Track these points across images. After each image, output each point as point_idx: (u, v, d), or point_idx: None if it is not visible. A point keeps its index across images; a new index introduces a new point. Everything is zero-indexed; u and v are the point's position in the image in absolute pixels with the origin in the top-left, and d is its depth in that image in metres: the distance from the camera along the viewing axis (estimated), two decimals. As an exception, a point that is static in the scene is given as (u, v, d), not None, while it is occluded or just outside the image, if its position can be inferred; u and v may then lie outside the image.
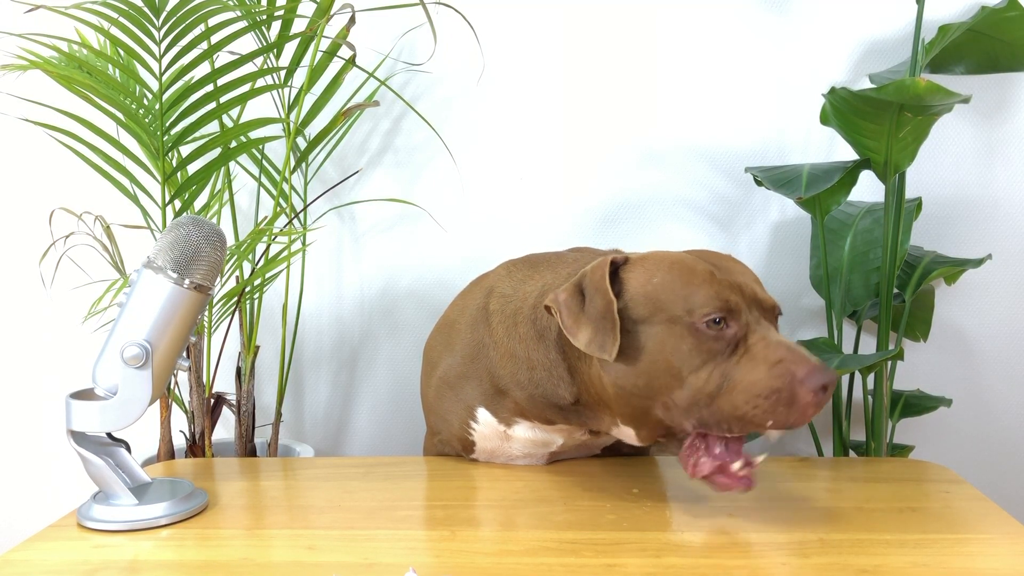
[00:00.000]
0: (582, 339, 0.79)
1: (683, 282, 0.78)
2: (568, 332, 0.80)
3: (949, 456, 1.40)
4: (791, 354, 0.74)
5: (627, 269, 0.82)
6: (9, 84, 1.42)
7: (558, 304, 0.82)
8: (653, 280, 0.79)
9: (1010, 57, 1.18)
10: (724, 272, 0.80)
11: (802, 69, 1.35)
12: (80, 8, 1.00)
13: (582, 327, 0.80)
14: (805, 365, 0.72)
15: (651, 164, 1.39)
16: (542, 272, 0.93)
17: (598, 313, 0.79)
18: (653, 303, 0.78)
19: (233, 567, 0.71)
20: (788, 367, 0.73)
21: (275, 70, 1.11)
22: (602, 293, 0.79)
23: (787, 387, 0.72)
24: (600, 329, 0.79)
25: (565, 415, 0.89)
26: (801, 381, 0.72)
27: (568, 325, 0.80)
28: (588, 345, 0.79)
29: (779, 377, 0.73)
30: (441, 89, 1.40)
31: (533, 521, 0.80)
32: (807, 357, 0.73)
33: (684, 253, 0.83)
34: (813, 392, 0.72)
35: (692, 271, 0.79)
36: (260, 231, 1.13)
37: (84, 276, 1.46)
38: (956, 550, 0.72)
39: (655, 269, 0.80)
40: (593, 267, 0.82)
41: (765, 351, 0.75)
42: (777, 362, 0.74)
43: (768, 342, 0.75)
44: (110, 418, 0.80)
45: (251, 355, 1.24)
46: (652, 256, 0.82)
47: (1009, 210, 1.34)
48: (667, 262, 0.81)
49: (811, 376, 0.72)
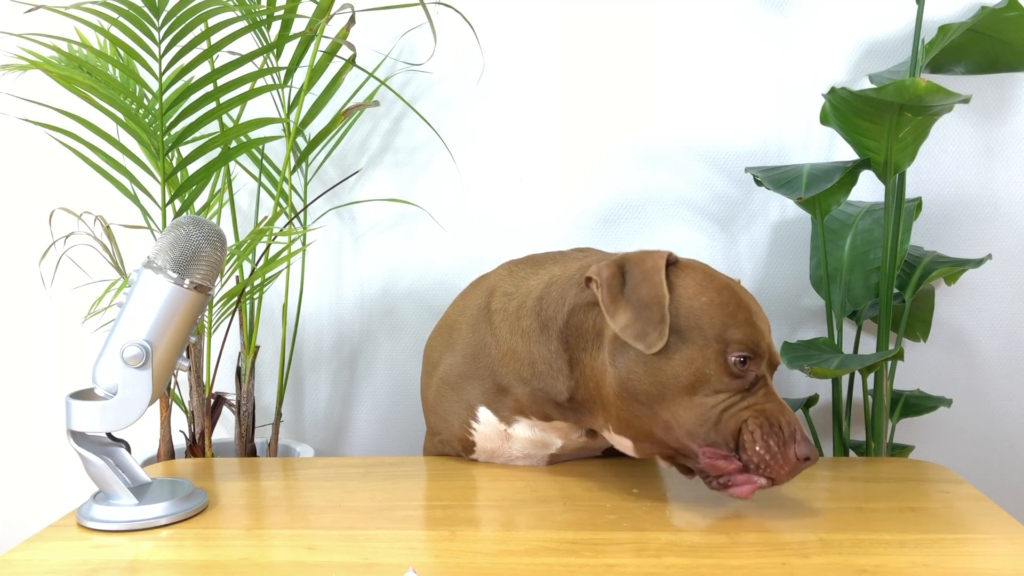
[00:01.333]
0: (620, 320, 0.79)
1: (730, 312, 0.79)
2: (606, 310, 0.79)
3: (949, 456, 1.40)
4: (793, 418, 0.78)
5: (677, 272, 0.82)
6: (9, 84, 1.42)
7: (601, 279, 0.81)
8: (702, 298, 0.80)
9: (1010, 57, 1.18)
10: (758, 318, 0.81)
11: (802, 69, 1.35)
12: (80, 8, 1.01)
13: (621, 309, 0.79)
14: (801, 433, 0.78)
15: (651, 164, 1.39)
16: (547, 267, 0.93)
17: (643, 302, 0.79)
18: (696, 319, 0.79)
19: (233, 567, 0.71)
20: (793, 425, 0.77)
21: (275, 70, 1.11)
22: (655, 285, 0.79)
23: (788, 435, 0.76)
24: (642, 318, 0.78)
25: (562, 412, 0.89)
26: (797, 442, 0.76)
27: (607, 304, 0.79)
28: (624, 329, 0.78)
29: (787, 425, 0.77)
30: (441, 89, 1.40)
31: (533, 521, 0.80)
32: (801, 426, 0.79)
33: (733, 280, 0.84)
34: (798, 457, 0.76)
35: (740, 305, 0.80)
36: (260, 231, 1.13)
37: (84, 276, 1.46)
38: (956, 550, 0.72)
39: (706, 287, 0.80)
40: (643, 254, 0.82)
41: (775, 403, 0.78)
42: (783, 412, 0.78)
43: (776, 399, 0.79)
44: (110, 418, 0.80)
45: (251, 355, 1.24)
46: (702, 270, 0.82)
47: (1009, 210, 1.34)
48: (718, 284, 0.81)
49: (804, 443, 0.77)
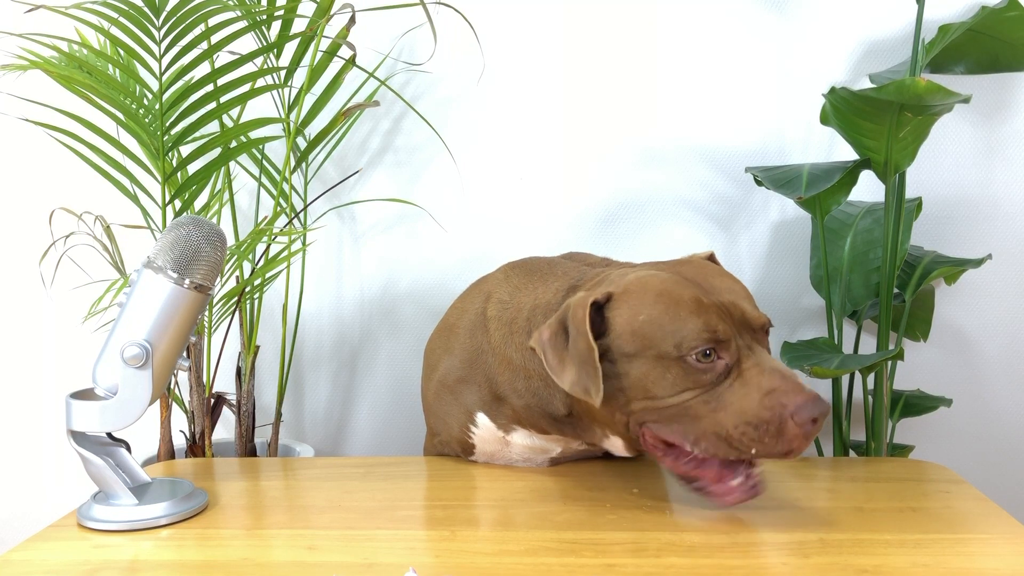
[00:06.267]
0: (567, 380, 0.78)
1: (670, 317, 0.76)
2: (553, 374, 0.79)
3: (949, 456, 1.40)
4: (784, 383, 0.73)
5: (612, 307, 0.79)
6: (9, 84, 1.42)
7: (542, 344, 0.80)
8: (639, 318, 0.77)
9: (1010, 57, 1.18)
10: (711, 293, 0.78)
11: (802, 69, 1.35)
12: (80, 8, 1.00)
13: (567, 368, 0.78)
14: (797, 396, 0.71)
15: (651, 164, 1.39)
16: (535, 283, 0.91)
17: (580, 356, 0.77)
18: (642, 340, 0.76)
19: (233, 567, 0.71)
20: (779, 398, 0.72)
21: (275, 70, 1.11)
22: (583, 337, 0.77)
23: (776, 418, 0.72)
24: (584, 372, 0.77)
25: (559, 426, 0.88)
26: (792, 412, 0.71)
27: (553, 366, 0.79)
28: (573, 387, 0.77)
29: (770, 408, 0.72)
30: (441, 89, 1.40)
31: (533, 521, 0.80)
32: (800, 387, 0.72)
33: (669, 277, 0.79)
34: (802, 425, 0.71)
35: (678, 303, 0.76)
36: (260, 231, 1.13)
37: (84, 276, 1.46)
38: (956, 550, 0.72)
39: (640, 305, 0.77)
40: (575, 305, 0.79)
41: (759, 378, 0.74)
42: (769, 391, 0.73)
43: (762, 368, 0.74)
44: (110, 418, 0.80)
45: (251, 355, 1.24)
46: (636, 289, 0.79)
47: (1009, 210, 1.34)
48: (652, 295, 0.78)
49: (802, 408, 0.71)
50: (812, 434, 0.72)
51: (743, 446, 0.73)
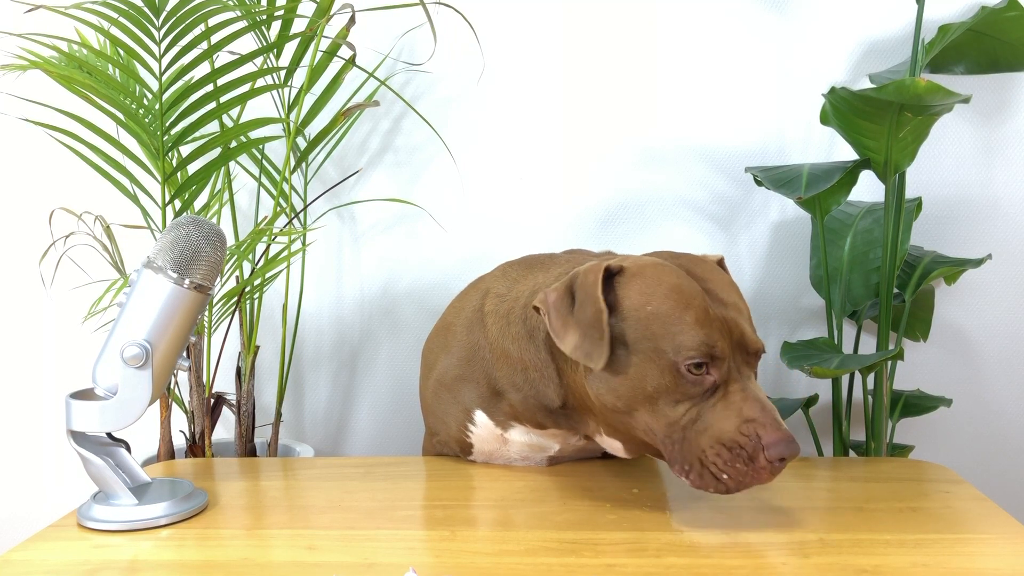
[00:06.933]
0: (569, 343, 0.78)
1: (677, 317, 0.76)
2: (555, 335, 0.78)
3: (949, 456, 1.40)
4: (764, 415, 0.73)
5: (623, 282, 0.79)
6: (9, 84, 1.42)
7: (547, 305, 0.80)
8: (648, 307, 0.77)
9: (1010, 57, 1.18)
10: (717, 304, 0.78)
11: (802, 69, 1.35)
12: (80, 8, 1.01)
13: (569, 331, 0.78)
14: (774, 432, 0.72)
15: (651, 164, 1.39)
16: (535, 272, 0.92)
17: (587, 321, 0.77)
18: (644, 330, 0.77)
19: (233, 567, 0.71)
20: (756, 428, 0.73)
21: (275, 70, 1.11)
22: (593, 301, 0.77)
23: (751, 446, 0.72)
24: (588, 337, 0.77)
25: (555, 419, 0.88)
26: (766, 446, 0.72)
27: (555, 328, 0.79)
28: (574, 351, 0.77)
29: (746, 436, 0.73)
30: (441, 89, 1.40)
31: (533, 521, 0.80)
32: (778, 423, 0.73)
33: (681, 273, 0.79)
34: (771, 460, 0.72)
35: (687, 306, 0.76)
36: (260, 231, 1.13)
37: (84, 276, 1.46)
38: (956, 550, 0.72)
39: (652, 294, 0.77)
40: (586, 270, 0.80)
41: (741, 404, 0.74)
42: (749, 419, 0.73)
43: (746, 395, 0.75)
44: (110, 418, 0.80)
45: (251, 355, 1.24)
46: (651, 274, 0.79)
47: (1009, 210, 1.34)
48: (665, 287, 0.77)
49: (776, 445, 0.72)
50: (777, 472, 0.73)
51: (717, 468, 0.74)
